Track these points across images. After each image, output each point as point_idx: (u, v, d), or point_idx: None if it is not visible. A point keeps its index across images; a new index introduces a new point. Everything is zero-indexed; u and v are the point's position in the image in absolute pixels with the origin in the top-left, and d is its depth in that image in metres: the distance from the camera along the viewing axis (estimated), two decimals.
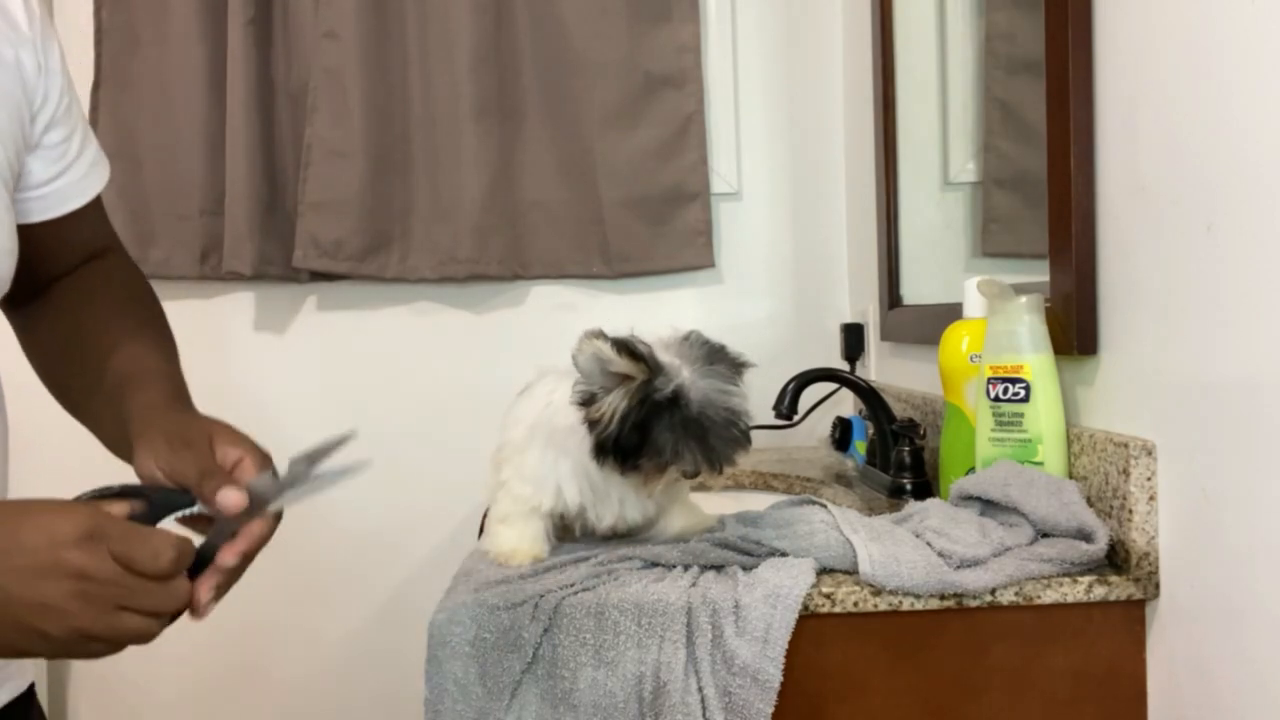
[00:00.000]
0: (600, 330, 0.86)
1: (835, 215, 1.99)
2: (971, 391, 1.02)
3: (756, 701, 0.77)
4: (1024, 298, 0.93)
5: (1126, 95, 0.85)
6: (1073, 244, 0.90)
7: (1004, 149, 1.24)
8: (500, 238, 1.91)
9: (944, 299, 1.28)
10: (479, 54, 1.87)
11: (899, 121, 1.60)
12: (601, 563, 0.88)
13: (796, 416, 1.39)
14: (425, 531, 1.96)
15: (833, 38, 1.98)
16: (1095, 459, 0.87)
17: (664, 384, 0.83)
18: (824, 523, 0.90)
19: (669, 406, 0.83)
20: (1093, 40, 0.89)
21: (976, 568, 0.82)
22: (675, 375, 0.84)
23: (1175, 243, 0.78)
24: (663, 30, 1.91)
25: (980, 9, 1.30)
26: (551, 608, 0.81)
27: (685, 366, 0.85)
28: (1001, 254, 1.26)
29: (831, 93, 1.98)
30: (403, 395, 1.97)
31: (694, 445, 0.84)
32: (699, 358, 0.86)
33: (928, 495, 1.17)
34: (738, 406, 0.85)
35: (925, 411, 1.32)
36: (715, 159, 1.97)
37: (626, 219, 1.92)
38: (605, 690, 0.79)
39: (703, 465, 0.85)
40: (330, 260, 1.86)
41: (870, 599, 0.82)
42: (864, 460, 1.44)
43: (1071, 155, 0.89)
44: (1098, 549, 0.83)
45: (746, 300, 1.99)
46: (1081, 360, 0.92)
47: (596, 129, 1.91)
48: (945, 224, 1.46)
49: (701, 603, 0.80)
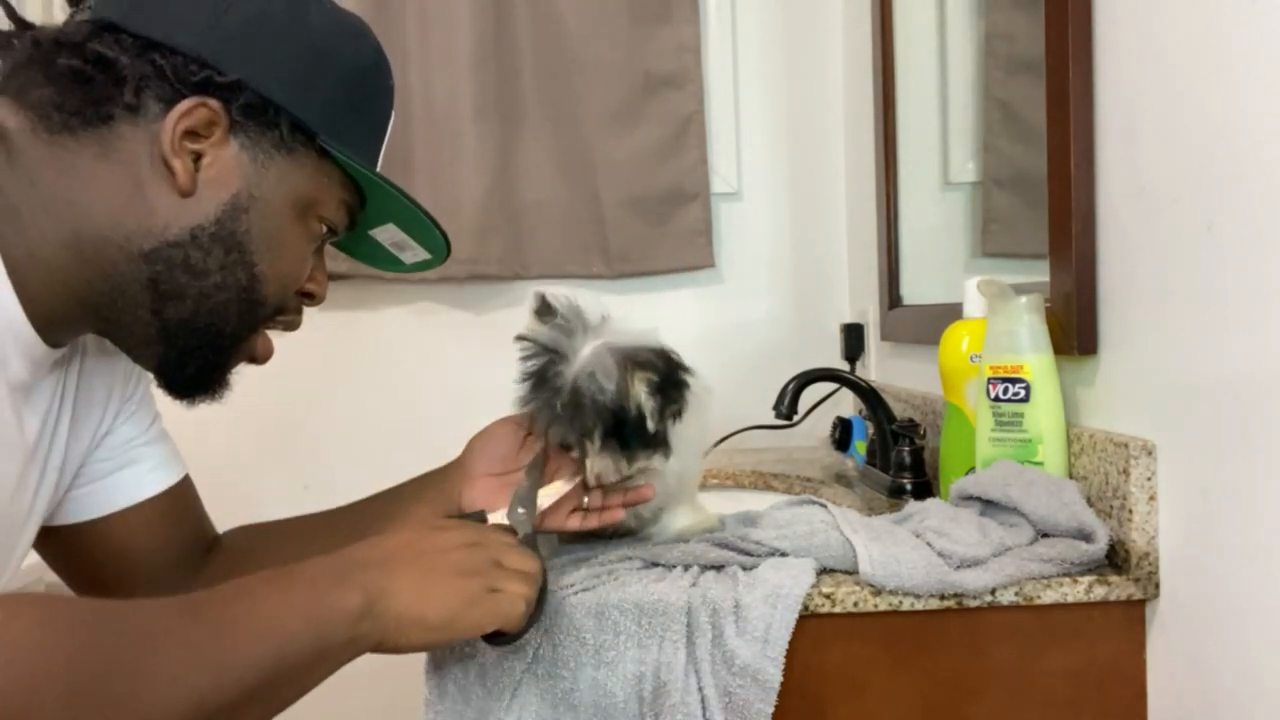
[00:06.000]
0: (542, 293, 0.88)
1: (835, 215, 1.99)
2: (971, 391, 1.02)
3: (756, 701, 0.77)
4: (1024, 298, 0.93)
5: (1126, 95, 0.85)
6: (1073, 244, 0.90)
7: (1004, 149, 1.24)
8: (500, 238, 1.91)
9: (944, 299, 1.28)
10: (479, 54, 1.87)
11: (899, 121, 1.60)
12: (601, 563, 0.88)
13: (796, 416, 1.39)
14: None
15: (833, 38, 1.98)
16: (1095, 459, 0.87)
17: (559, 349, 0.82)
18: (824, 523, 0.90)
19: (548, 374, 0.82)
20: (1093, 40, 0.89)
21: (976, 568, 0.82)
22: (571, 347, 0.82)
23: (1175, 243, 0.78)
24: (663, 30, 1.91)
25: (980, 9, 1.30)
26: (551, 608, 0.80)
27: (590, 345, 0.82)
28: (1001, 254, 1.26)
29: (831, 93, 1.98)
30: (402, 395, 1.97)
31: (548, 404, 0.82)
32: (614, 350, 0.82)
33: (928, 495, 1.17)
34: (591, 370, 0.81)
35: (925, 411, 1.32)
36: (715, 159, 1.97)
37: (626, 219, 1.92)
38: (605, 690, 0.79)
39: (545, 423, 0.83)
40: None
41: (870, 599, 0.82)
42: (864, 460, 1.44)
43: (1071, 155, 0.89)
44: (1098, 549, 0.83)
45: (746, 300, 1.99)
46: (1081, 360, 0.92)
47: (596, 129, 1.91)
48: (945, 224, 1.46)
49: (701, 603, 0.80)
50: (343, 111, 0.78)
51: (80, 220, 0.70)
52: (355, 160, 0.78)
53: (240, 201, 0.74)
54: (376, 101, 0.84)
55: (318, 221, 0.80)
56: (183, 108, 0.71)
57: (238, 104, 0.72)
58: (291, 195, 0.76)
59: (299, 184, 0.77)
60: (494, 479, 0.91)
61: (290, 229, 0.77)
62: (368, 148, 0.82)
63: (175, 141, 0.71)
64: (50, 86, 0.69)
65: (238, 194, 0.74)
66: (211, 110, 0.71)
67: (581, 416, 0.81)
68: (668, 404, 0.82)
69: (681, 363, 0.85)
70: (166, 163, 0.71)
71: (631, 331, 0.85)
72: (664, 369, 0.82)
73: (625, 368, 0.81)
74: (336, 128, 0.77)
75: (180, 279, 0.73)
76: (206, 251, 0.73)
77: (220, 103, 0.72)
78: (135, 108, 0.70)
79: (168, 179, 0.71)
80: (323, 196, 0.79)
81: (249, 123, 0.73)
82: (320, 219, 0.80)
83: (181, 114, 0.70)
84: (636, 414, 0.81)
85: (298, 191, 0.77)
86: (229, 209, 0.73)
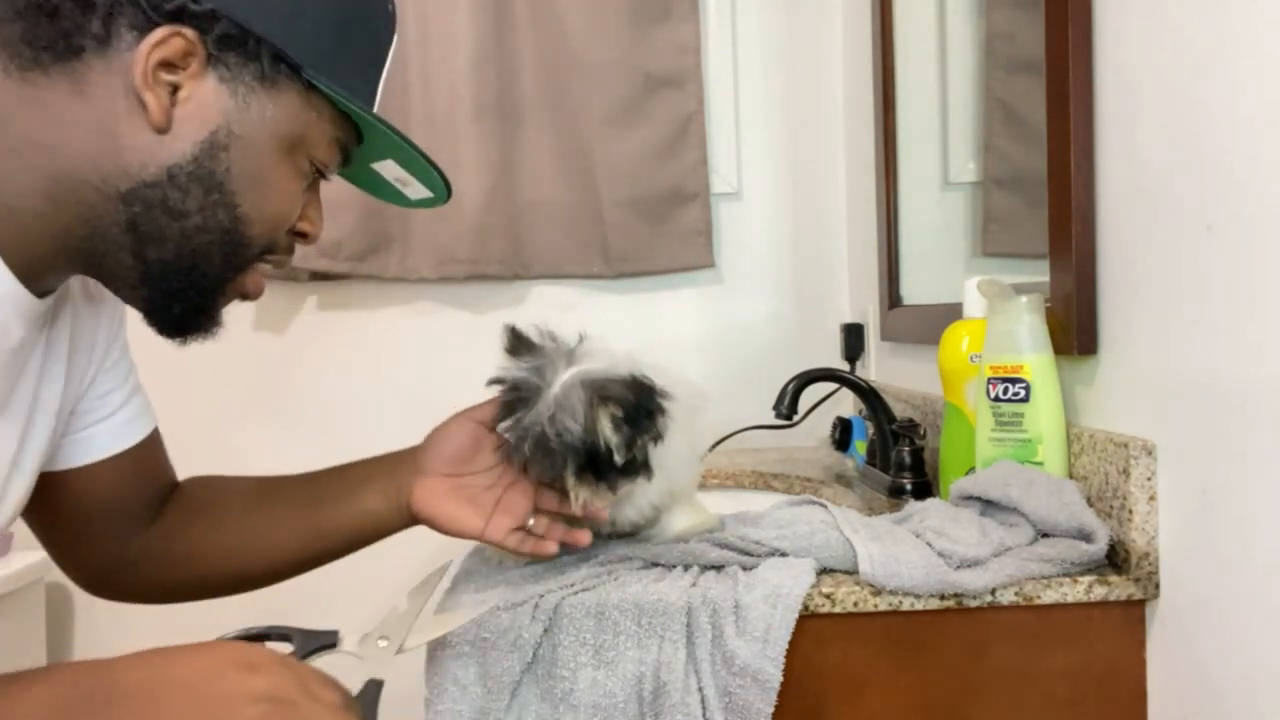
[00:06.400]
0: (512, 327, 0.87)
1: (835, 215, 1.99)
2: (971, 391, 1.02)
3: (756, 701, 0.77)
4: (1024, 298, 0.93)
5: (1126, 95, 0.85)
6: (1073, 244, 0.90)
7: (1004, 149, 1.24)
8: (500, 238, 1.91)
9: (944, 299, 1.28)
10: (479, 54, 1.87)
11: (899, 121, 1.60)
12: (601, 563, 0.88)
13: (796, 416, 1.39)
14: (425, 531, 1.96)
15: (833, 38, 1.98)
16: (1095, 459, 0.87)
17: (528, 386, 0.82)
18: (824, 523, 0.90)
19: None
20: (1093, 40, 0.89)
21: (976, 568, 0.82)
22: (543, 382, 0.82)
23: (1175, 243, 0.78)
24: (663, 30, 1.91)
25: (980, 9, 1.30)
26: (551, 608, 0.81)
27: (561, 377, 0.81)
28: (1001, 254, 1.26)
29: (831, 93, 1.98)
30: (402, 395, 1.96)
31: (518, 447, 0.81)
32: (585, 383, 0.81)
33: (928, 495, 1.17)
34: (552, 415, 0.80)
35: (925, 411, 1.32)
36: (715, 159, 1.97)
37: (626, 219, 1.92)
38: (605, 690, 0.79)
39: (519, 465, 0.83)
40: (330, 260, 1.86)
41: (870, 599, 0.82)
42: (864, 460, 1.44)
43: (1071, 155, 0.89)
44: (1098, 549, 0.83)
45: (746, 300, 1.99)
46: (1081, 360, 0.92)
47: (596, 129, 1.91)
48: (945, 224, 1.46)
49: (701, 603, 0.80)
50: (333, 41, 0.73)
51: (55, 163, 0.67)
52: (345, 96, 0.73)
53: (219, 139, 0.69)
54: (372, 29, 0.78)
55: (307, 159, 0.75)
56: (156, 37, 0.66)
57: (214, 34, 0.67)
58: (277, 132, 0.71)
59: (285, 120, 0.72)
60: (443, 480, 0.88)
61: (277, 167, 0.73)
62: (363, 80, 0.77)
63: (148, 73, 0.66)
64: (19, 22, 0.66)
65: (216, 131, 0.69)
66: (187, 40, 0.67)
67: (551, 457, 0.80)
68: (640, 433, 0.81)
69: (653, 388, 0.83)
70: (140, 97, 0.66)
71: (609, 353, 0.84)
72: (633, 400, 0.81)
73: (591, 404, 0.80)
74: (326, 60, 0.72)
75: (159, 220, 0.69)
76: (185, 192, 0.69)
77: (196, 32, 0.67)
78: (105, 38, 0.66)
79: (142, 115, 0.67)
80: (311, 133, 0.74)
81: (228, 54, 0.68)
82: (310, 157, 0.75)
83: (154, 44, 0.66)
84: (606, 448, 0.80)
85: (283, 128, 0.72)
86: (207, 146, 0.69)
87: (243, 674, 0.60)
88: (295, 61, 0.70)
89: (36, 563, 1.80)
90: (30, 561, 1.79)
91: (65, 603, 1.99)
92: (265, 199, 0.73)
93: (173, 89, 0.68)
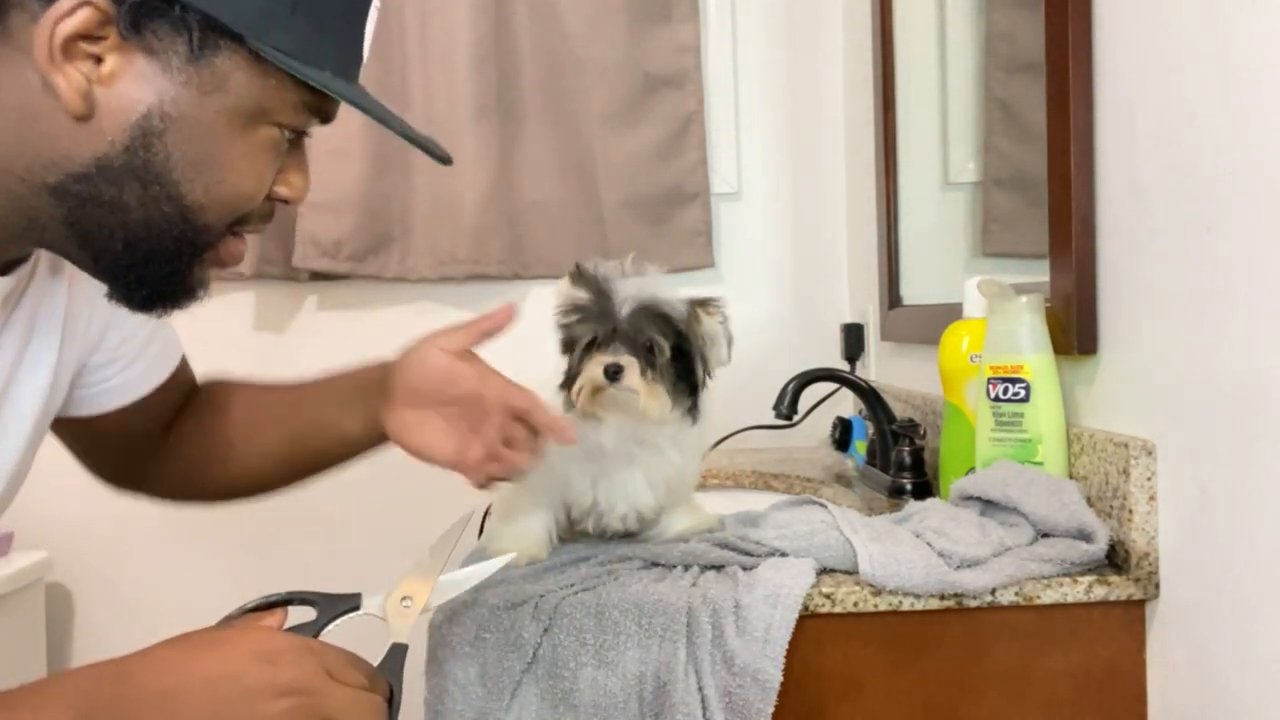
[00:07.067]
0: (577, 264, 0.90)
1: (835, 215, 1.99)
2: (971, 391, 1.02)
3: (756, 701, 0.77)
4: (1024, 298, 0.93)
5: (1126, 95, 0.85)
6: (1073, 244, 0.90)
7: (1004, 149, 1.24)
8: (500, 238, 1.91)
9: (944, 299, 1.28)
10: (479, 54, 1.87)
11: (899, 121, 1.60)
12: (601, 563, 0.88)
13: (796, 416, 1.39)
14: (424, 531, 1.96)
15: (833, 38, 1.97)
16: (1095, 459, 0.87)
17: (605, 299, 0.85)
18: (824, 523, 0.90)
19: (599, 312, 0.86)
20: (1093, 40, 0.89)
21: (976, 568, 0.82)
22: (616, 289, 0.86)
23: (1175, 243, 0.78)
24: (663, 30, 1.91)
25: (980, 9, 1.30)
26: (552, 608, 0.81)
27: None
28: (1001, 254, 1.26)
29: (831, 93, 1.98)
30: None
31: (605, 323, 0.85)
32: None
33: (928, 495, 1.17)
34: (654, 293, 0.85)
35: (925, 411, 1.32)
36: (715, 159, 1.97)
37: (626, 219, 1.92)
38: (605, 690, 0.79)
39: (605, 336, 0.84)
40: (330, 260, 1.86)
41: (870, 599, 0.82)
42: (864, 460, 1.44)
43: (1071, 155, 0.89)
44: (1098, 549, 0.83)
45: (746, 300, 1.99)
46: (1081, 360, 0.92)
47: (596, 129, 1.91)
48: (945, 224, 1.46)
49: (702, 603, 0.80)
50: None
51: None
52: (299, 62, 0.62)
53: (153, 124, 0.60)
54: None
55: (274, 126, 0.65)
56: (61, 8, 0.56)
57: (130, 1, 0.58)
58: (226, 107, 0.62)
59: (235, 93, 0.62)
60: (412, 413, 0.81)
61: (233, 145, 0.63)
62: (329, 34, 0.65)
63: (55, 51, 0.57)
64: None
65: (148, 114, 0.60)
66: (99, 9, 0.57)
67: (649, 329, 0.83)
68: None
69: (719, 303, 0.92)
70: (48, 79, 0.58)
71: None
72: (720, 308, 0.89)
73: (689, 302, 0.86)
74: (274, 20, 0.61)
75: (97, 215, 0.61)
76: (119, 185, 0.61)
77: (109, 0, 0.57)
78: (3, 11, 0.58)
79: (58, 99, 0.59)
80: (271, 102, 0.63)
81: (152, 25, 0.58)
82: (277, 124, 0.65)
83: (59, 17, 0.56)
84: (700, 344, 0.85)
85: (234, 102, 0.62)
86: (139, 133, 0.60)
87: (264, 667, 0.57)
88: (231, 29, 0.60)
89: (36, 563, 1.80)
90: (30, 561, 1.78)
91: (65, 603, 1.99)
92: (220, 182, 0.63)
93: (97, 62, 0.59)
